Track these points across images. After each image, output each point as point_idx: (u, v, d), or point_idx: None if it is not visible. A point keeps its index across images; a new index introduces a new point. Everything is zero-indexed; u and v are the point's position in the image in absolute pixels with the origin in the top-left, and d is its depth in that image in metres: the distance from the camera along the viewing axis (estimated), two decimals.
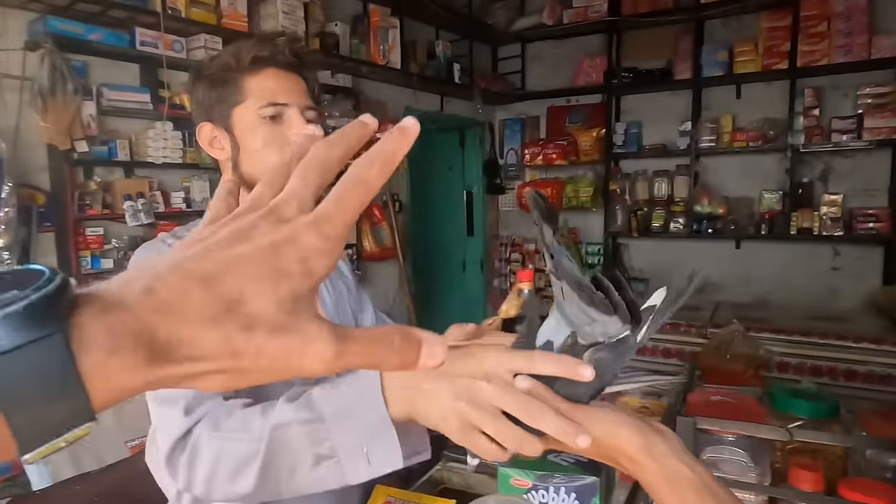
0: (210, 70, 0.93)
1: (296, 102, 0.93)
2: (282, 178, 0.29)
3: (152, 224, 2.68)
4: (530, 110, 4.90)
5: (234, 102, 0.92)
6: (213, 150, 0.97)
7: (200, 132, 0.96)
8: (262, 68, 0.92)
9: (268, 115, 0.91)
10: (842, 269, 3.82)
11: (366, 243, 3.80)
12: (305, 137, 0.31)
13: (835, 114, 3.69)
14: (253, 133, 0.92)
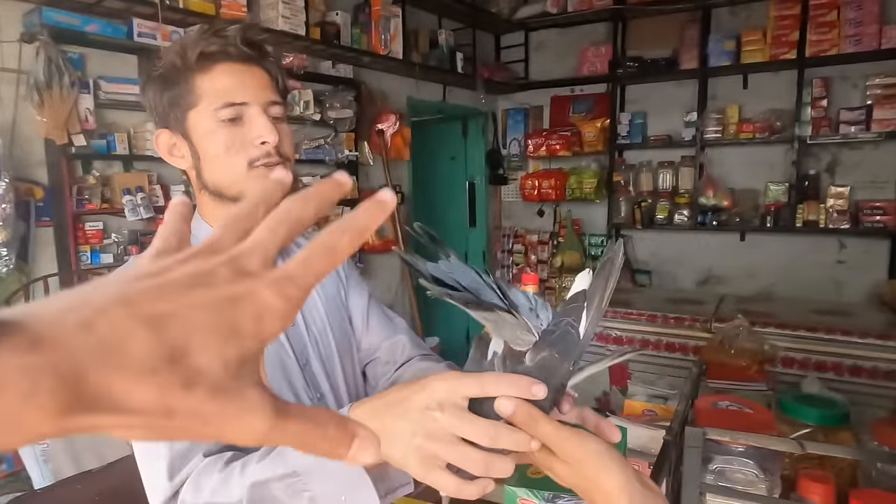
0: (157, 71, 0.83)
1: (256, 99, 0.83)
2: (245, 223, 0.26)
3: (152, 218, 2.65)
4: (533, 100, 4.85)
5: (188, 106, 0.82)
6: (174, 159, 0.87)
7: (157, 140, 0.87)
8: (213, 64, 0.82)
9: (226, 118, 0.82)
10: (847, 262, 3.79)
11: None
12: (273, 182, 0.29)
13: (843, 105, 3.64)
14: (211, 138, 0.82)
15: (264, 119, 0.83)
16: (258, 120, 0.83)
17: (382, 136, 3.81)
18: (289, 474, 0.62)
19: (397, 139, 3.92)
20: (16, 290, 2.07)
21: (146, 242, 2.65)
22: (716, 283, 4.22)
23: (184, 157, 0.86)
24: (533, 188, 4.56)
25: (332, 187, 0.28)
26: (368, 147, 3.77)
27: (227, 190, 0.85)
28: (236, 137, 0.82)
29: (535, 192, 4.55)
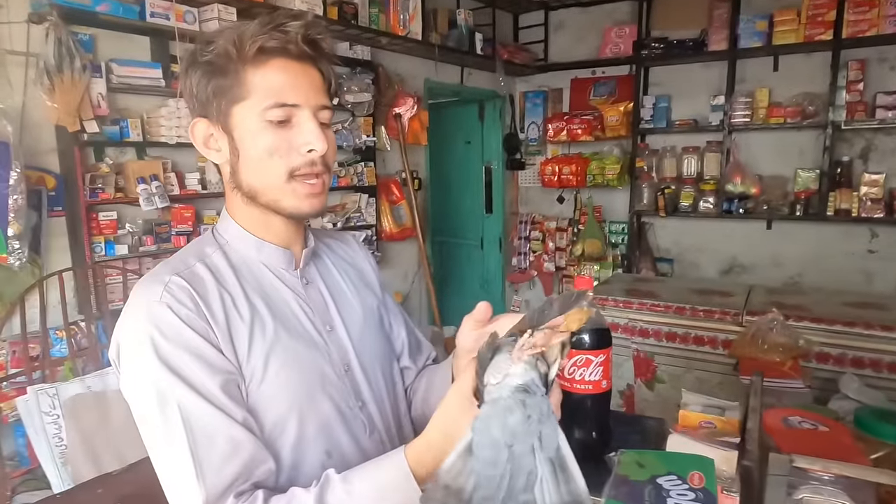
0: (206, 56, 0.76)
1: (308, 103, 0.78)
2: None
3: (167, 208, 2.56)
4: (553, 82, 4.70)
5: (234, 99, 0.76)
6: (209, 151, 0.81)
7: (194, 129, 0.80)
8: (269, 59, 0.76)
9: (274, 119, 0.76)
10: (878, 251, 3.67)
11: (385, 223, 3.68)
12: None
13: (880, 88, 3.49)
14: (255, 138, 0.77)
15: (314, 125, 0.78)
16: (308, 126, 0.77)
17: (400, 121, 3.69)
18: None
19: (415, 123, 3.80)
20: (30, 286, 1.99)
21: (161, 233, 2.56)
22: (740, 272, 4.11)
23: (220, 150, 0.80)
24: (553, 174, 4.44)
25: None
26: (385, 132, 3.65)
27: (262, 195, 0.80)
28: (282, 141, 0.77)
29: (556, 177, 4.44)
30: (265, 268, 0.85)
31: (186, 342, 0.72)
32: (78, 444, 1.83)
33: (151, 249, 2.53)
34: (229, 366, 0.74)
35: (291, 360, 0.80)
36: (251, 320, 0.78)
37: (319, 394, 0.82)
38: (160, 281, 0.75)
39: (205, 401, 0.71)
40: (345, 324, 0.90)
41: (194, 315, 0.74)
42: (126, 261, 2.46)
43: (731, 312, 2.94)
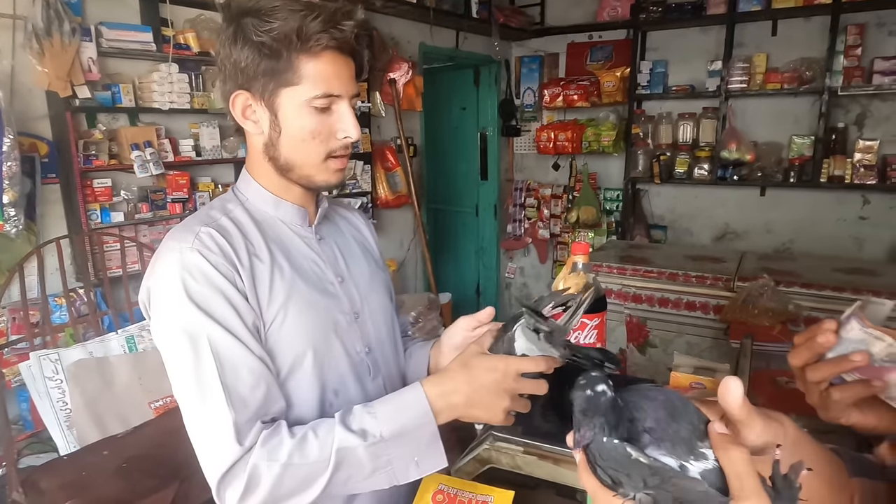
0: (261, 38, 0.80)
1: (347, 92, 0.86)
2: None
3: (162, 175, 2.55)
4: (549, 47, 4.63)
5: (286, 83, 0.83)
6: (246, 122, 0.87)
7: (235, 100, 0.86)
8: (322, 51, 0.82)
9: (319, 106, 0.84)
10: (870, 218, 3.71)
11: (380, 190, 3.67)
12: None
13: (878, 54, 3.46)
14: (300, 121, 0.84)
15: (352, 115, 0.87)
16: (347, 116, 0.86)
17: (394, 86, 3.65)
18: (377, 441, 0.77)
19: (409, 89, 3.76)
20: (28, 254, 2.00)
21: (157, 200, 2.56)
22: (733, 239, 4.15)
23: (257, 122, 0.86)
24: (549, 140, 4.42)
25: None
26: (380, 97, 3.61)
27: (297, 170, 0.89)
28: (324, 127, 0.85)
29: (551, 144, 4.41)
30: (282, 223, 0.93)
31: (215, 284, 0.79)
32: (82, 407, 1.87)
33: (147, 217, 2.53)
34: (251, 309, 0.82)
35: (308, 304, 0.87)
36: (272, 267, 0.86)
37: (332, 337, 0.90)
38: (191, 230, 0.83)
39: (232, 336, 0.78)
40: (353, 277, 0.98)
41: (223, 261, 0.81)
42: (122, 228, 2.47)
43: (722, 278, 2.98)
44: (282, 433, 0.77)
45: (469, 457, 1.33)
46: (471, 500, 0.99)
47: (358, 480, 0.78)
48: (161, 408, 2.02)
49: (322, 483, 0.76)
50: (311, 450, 0.76)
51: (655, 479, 0.41)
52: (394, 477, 0.79)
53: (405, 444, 0.77)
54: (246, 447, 0.75)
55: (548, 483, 1.23)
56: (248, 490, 0.75)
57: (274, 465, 0.75)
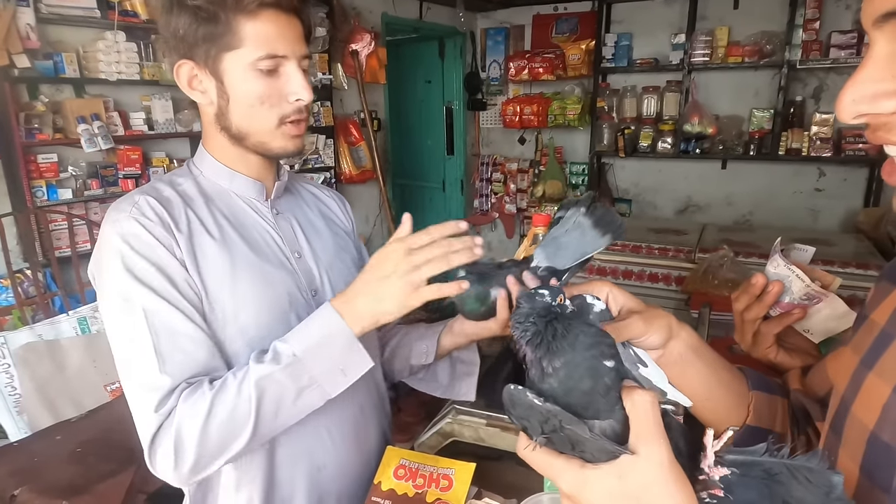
0: (196, 2, 0.77)
1: (294, 53, 0.82)
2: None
3: (112, 149, 2.44)
4: (515, 18, 4.58)
5: (227, 47, 0.79)
6: (194, 93, 0.84)
7: (179, 71, 0.83)
8: (261, 10, 0.78)
9: (265, 69, 0.80)
10: (825, 190, 3.81)
11: (344, 165, 3.60)
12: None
13: (835, 27, 3.52)
14: (246, 86, 0.81)
15: (301, 76, 0.83)
16: (296, 77, 0.82)
17: (357, 58, 3.56)
18: (291, 362, 0.75)
19: (372, 60, 3.67)
20: None
21: (107, 176, 2.45)
22: (695, 212, 4.22)
23: (205, 92, 0.84)
24: (515, 114, 4.39)
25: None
26: (342, 69, 3.52)
27: (250, 137, 0.85)
28: (273, 91, 0.82)
29: (517, 118, 4.39)
30: (237, 197, 0.90)
31: (151, 251, 0.78)
32: (33, 392, 1.80)
33: (98, 193, 2.42)
34: (188, 277, 0.80)
35: (260, 277, 0.85)
36: (220, 238, 0.84)
37: (287, 309, 0.87)
38: (130, 200, 0.81)
39: (167, 303, 0.77)
40: (314, 252, 0.95)
41: (160, 228, 0.79)
42: (71, 206, 2.36)
43: (684, 250, 3.03)
44: (203, 387, 0.75)
45: (432, 431, 1.33)
46: (432, 473, 0.98)
47: (287, 407, 0.76)
48: (117, 390, 1.96)
49: (250, 423, 0.74)
50: (229, 392, 0.74)
51: (549, 424, 0.43)
52: (324, 392, 0.77)
53: (323, 356, 0.76)
54: (163, 413, 0.74)
55: (511, 454, 1.24)
56: (176, 453, 0.73)
57: (196, 420, 0.73)
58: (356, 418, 0.97)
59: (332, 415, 0.91)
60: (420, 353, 1.02)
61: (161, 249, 0.78)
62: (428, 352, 1.01)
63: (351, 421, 0.96)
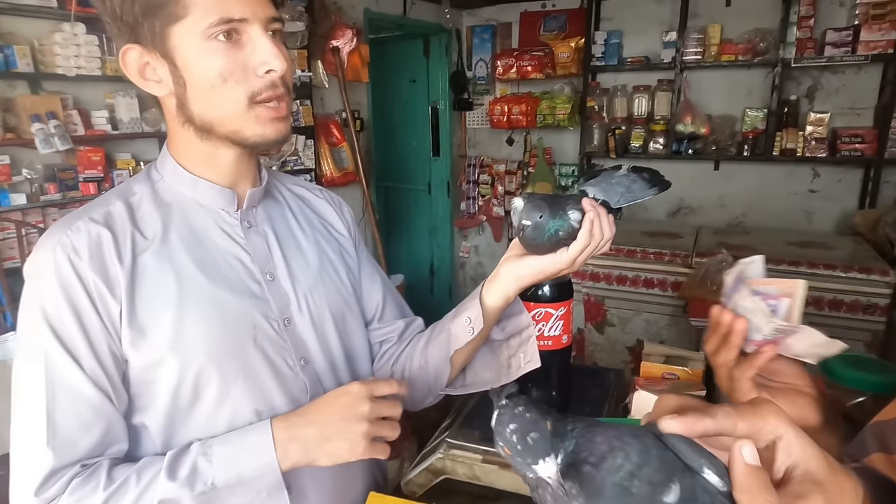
0: None
1: (256, 16, 0.68)
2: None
3: (71, 150, 2.26)
4: (501, 16, 4.45)
5: (170, 18, 0.66)
6: (147, 83, 0.71)
7: (125, 58, 0.70)
8: None
9: (222, 38, 0.66)
10: (819, 191, 3.73)
11: (325, 167, 3.44)
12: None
13: (830, 25, 3.44)
14: (203, 63, 0.67)
15: (269, 42, 0.69)
16: (261, 42, 0.68)
17: (338, 55, 3.40)
18: (206, 490, 0.65)
19: (354, 58, 3.52)
20: None
21: (66, 179, 2.27)
22: (687, 214, 4.12)
23: (160, 81, 0.70)
24: (502, 114, 4.26)
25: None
26: (322, 67, 3.36)
27: (220, 127, 0.72)
28: (236, 63, 0.68)
29: (505, 118, 4.25)
30: (200, 207, 0.78)
31: (72, 297, 0.67)
32: None
33: (55, 198, 2.24)
34: (107, 334, 0.69)
35: (213, 310, 0.73)
36: (168, 263, 0.73)
37: (250, 347, 0.76)
38: (66, 224, 0.71)
39: (72, 359, 0.66)
40: (290, 274, 0.82)
41: (89, 270, 0.68)
42: (26, 212, 2.18)
43: (680, 254, 2.92)
44: (99, 479, 0.65)
45: (421, 467, 1.18)
46: None
47: None
48: None
49: None
50: (127, 500, 0.65)
51: None
52: None
53: (241, 492, 0.67)
54: (51, 497, 0.64)
55: (509, 494, 1.09)
56: None
57: None
58: (335, 474, 0.83)
59: (308, 473, 0.78)
60: (462, 330, 0.85)
61: (84, 297, 0.67)
62: (474, 320, 0.83)
63: (330, 478, 0.82)
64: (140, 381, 0.71)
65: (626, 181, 0.73)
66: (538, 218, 0.71)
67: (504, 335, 0.89)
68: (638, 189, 0.75)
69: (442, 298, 4.99)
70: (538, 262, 0.77)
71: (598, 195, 0.75)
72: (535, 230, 0.72)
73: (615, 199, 0.74)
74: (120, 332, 0.69)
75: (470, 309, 0.84)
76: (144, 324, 0.69)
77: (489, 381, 0.90)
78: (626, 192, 0.74)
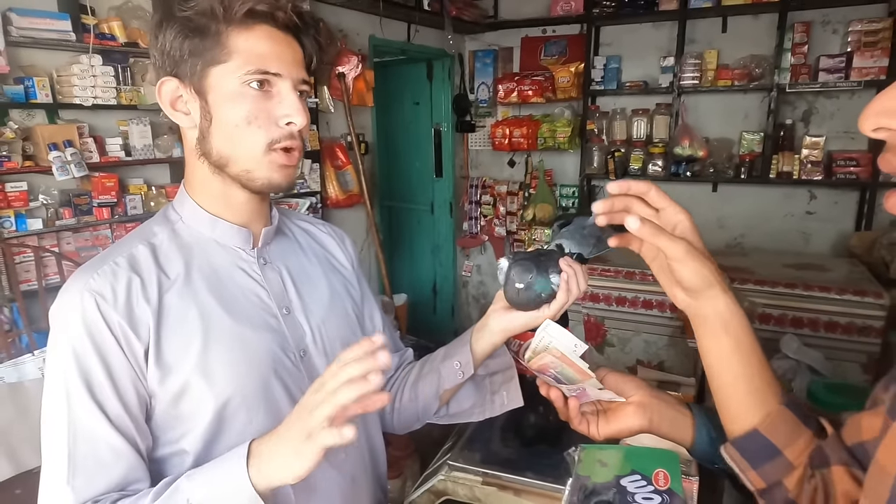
0: (185, 12, 0.72)
1: (290, 74, 0.75)
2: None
3: (86, 177, 2.34)
4: (503, 41, 4.55)
5: (214, 61, 0.73)
6: (176, 114, 0.78)
7: (161, 88, 0.76)
8: (256, 24, 0.73)
9: (256, 87, 0.73)
10: (816, 213, 3.79)
11: (330, 190, 3.52)
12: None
13: (823, 51, 3.53)
14: (234, 104, 0.74)
15: (296, 98, 0.76)
16: (289, 97, 0.75)
17: (343, 80, 3.49)
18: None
19: (359, 83, 3.61)
20: None
21: (81, 205, 2.34)
22: None
23: (189, 114, 0.77)
24: (504, 137, 4.34)
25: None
26: (328, 92, 3.45)
27: (233, 165, 0.77)
28: (262, 111, 0.75)
29: (507, 140, 4.34)
30: (219, 246, 0.82)
31: (98, 341, 0.70)
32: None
33: (70, 223, 2.32)
34: (136, 373, 0.72)
35: (237, 345, 0.77)
36: (193, 303, 0.76)
37: (272, 379, 0.79)
38: (92, 268, 0.74)
39: (95, 404, 0.70)
40: (304, 307, 0.87)
41: (115, 310, 0.71)
42: (42, 236, 2.25)
43: None
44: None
45: (423, 488, 1.23)
46: None
47: None
48: None
49: None
50: None
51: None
52: None
53: None
54: None
55: None
56: None
57: None
58: (345, 493, 0.87)
59: (317, 493, 0.82)
60: (452, 373, 0.91)
61: (110, 341, 0.71)
62: (464, 365, 0.90)
63: (339, 497, 0.86)
64: (167, 416, 0.75)
65: (597, 231, 0.79)
66: (528, 279, 0.79)
67: (487, 371, 0.96)
68: (608, 236, 0.83)
69: (444, 317, 5.03)
70: (525, 318, 0.84)
71: (573, 249, 0.82)
72: (525, 292, 0.81)
73: (588, 250, 0.82)
74: (146, 372, 0.73)
75: (460, 354, 0.91)
76: (170, 361, 0.73)
77: (472, 413, 0.97)
78: (597, 242, 0.81)
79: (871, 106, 0.43)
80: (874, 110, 0.43)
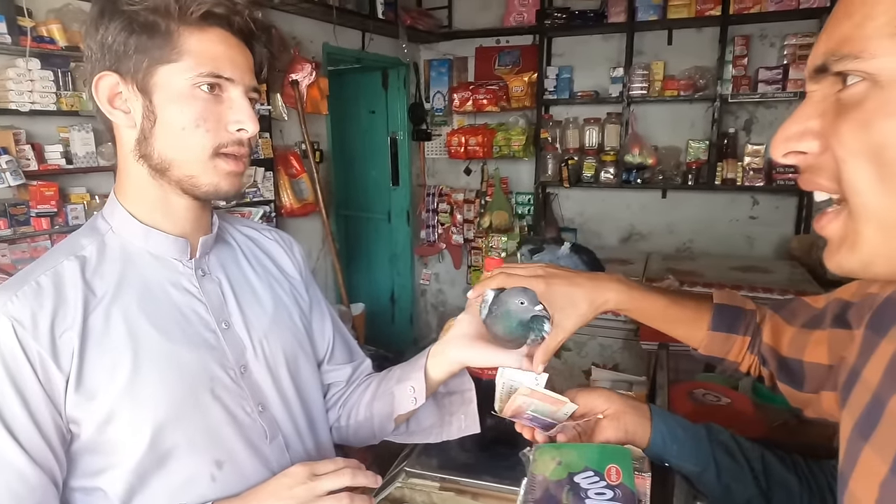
0: (133, 7, 0.68)
1: (242, 80, 0.74)
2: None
3: (24, 185, 2.23)
4: (458, 51, 4.60)
5: (162, 59, 0.70)
6: (115, 112, 0.73)
7: (99, 83, 0.71)
8: (211, 27, 0.71)
9: (206, 88, 0.71)
10: (759, 217, 3.95)
11: (285, 198, 3.46)
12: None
13: (761, 64, 3.70)
14: (181, 105, 0.71)
15: (247, 104, 0.74)
16: (241, 103, 0.73)
17: (297, 88, 3.45)
18: None
19: (314, 91, 3.57)
20: None
21: (17, 215, 2.23)
22: (638, 240, 4.29)
23: (129, 112, 0.72)
24: (460, 145, 4.37)
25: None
26: (282, 100, 3.40)
27: (176, 169, 0.73)
28: (211, 113, 0.72)
29: (462, 149, 4.37)
30: (153, 258, 0.78)
31: (13, 370, 0.66)
32: None
33: (6, 234, 2.20)
34: (53, 405, 0.68)
35: (169, 365, 0.73)
36: (120, 326, 0.72)
37: (208, 398, 0.76)
38: (12, 290, 0.69)
39: (10, 437, 0.65)
40: (245, 320, 0.83)
41: (31, 339, 0.67)
42: None
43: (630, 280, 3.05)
44: None
45: (380, 496, 1.21)
46: None
47: None
48: None
49: None
50: None
51: None
52: None
53: None
54: None
55: None
56: None
57: None
58: None
59: None
60: (406, 398, 0.88)
61: (25, 368, 0.66)
62: (417, 392, 0.87)
63: None
64: (93, 444, 0.71)
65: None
66: (515, 311, 0.74)
67: (446, 390, 0.93)
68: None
69: (403, 326, 5.01)
70: (490, 356, 0.80)
71: None
72: (518, 328, 0.75)
73: None
74: (65, 402, 0.68)
75: (414, 379, 0.88)
76: (94, 385, 0.69)
77: (430, 434, 0.95)
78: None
79: (777, 135, 0.47)
80: (781, 138, 0.47)
